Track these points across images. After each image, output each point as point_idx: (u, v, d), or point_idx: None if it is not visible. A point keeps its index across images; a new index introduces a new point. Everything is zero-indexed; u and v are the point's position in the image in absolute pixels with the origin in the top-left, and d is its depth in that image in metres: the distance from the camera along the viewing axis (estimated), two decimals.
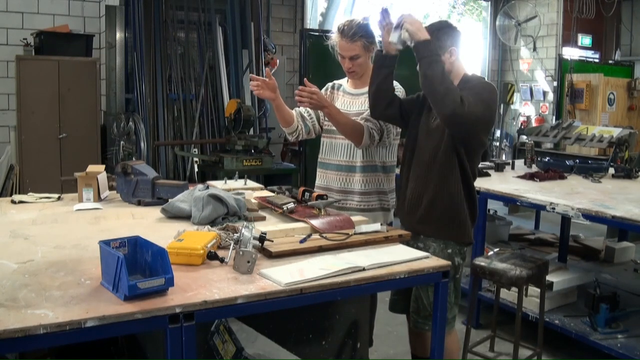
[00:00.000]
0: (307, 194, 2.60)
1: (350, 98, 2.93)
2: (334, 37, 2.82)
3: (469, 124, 2.34)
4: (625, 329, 3.41)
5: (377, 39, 2.81)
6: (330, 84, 3.08)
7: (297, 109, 3.01)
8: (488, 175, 4.25)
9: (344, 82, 3.03)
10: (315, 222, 2.22)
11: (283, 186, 2.93)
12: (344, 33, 2.75)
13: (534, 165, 4.69)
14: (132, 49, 5.82)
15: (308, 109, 2.99)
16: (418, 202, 2.57)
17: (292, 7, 7.36)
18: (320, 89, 3.04)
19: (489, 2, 9.17)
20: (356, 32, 2.73)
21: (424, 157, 2.55)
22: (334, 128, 2.90)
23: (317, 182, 3.00)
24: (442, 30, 2.49)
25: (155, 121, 5.84)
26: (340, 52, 2.81)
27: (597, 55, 9.09)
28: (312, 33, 5.89)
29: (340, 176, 2.90)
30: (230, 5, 6.22)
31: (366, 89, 2.84)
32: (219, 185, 2.95)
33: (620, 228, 4.95)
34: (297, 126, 2.94)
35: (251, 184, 3.22)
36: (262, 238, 1.94)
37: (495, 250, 3.88)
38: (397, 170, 2.92)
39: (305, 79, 2.83)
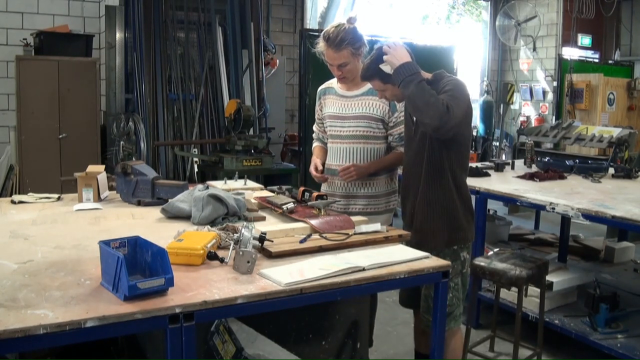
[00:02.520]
0: (307, 194, 2.60)
1: (344, 101, 2.88)
2: (321, 45, 2.76)
3: (455, 127, 2.30)
4: (625, 329, 3.41)
5: (366, 38, 2.78)
6: (320, 91, 3.03)
7: (316, 138, 3.12)
8: (488, 175, 4.25)
9: (334, 83, 2.97)
10: (315, 222, 2.22)
11: (283, 186, 2.93)
12: (330, 41, 2.69)
13: (533, 165, 4.69)
14: (132, 49, 5.82)
15: (320, 132, 3.08)
16: (414, 215, 2.54)
17: (292, 7, 7.36)
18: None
19: (489, 2, 9.17)
20: (342, 40, 2.67)
21: (413, 169, 2.52)
22: (337, 133, 2.90)
23: (322, 188, 2.96)
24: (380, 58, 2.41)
25: (155, 121, 5.84)
26: (328, 60, 2.76)
27: (596, 55, 9.10)
28: (312, 33, 5.89)
29: (344, 181, 2.85)
30: (230, 5, 6.21)
31: (360, 90, 2.84)
32: (219, 185, 2.95)
33: (620, 228, 4.95)
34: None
35: (251, 184, 3.22)
36: (262, 238, 1.94)
37: (495, 250, 3.88)
38: (399, 170, 2.91)
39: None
